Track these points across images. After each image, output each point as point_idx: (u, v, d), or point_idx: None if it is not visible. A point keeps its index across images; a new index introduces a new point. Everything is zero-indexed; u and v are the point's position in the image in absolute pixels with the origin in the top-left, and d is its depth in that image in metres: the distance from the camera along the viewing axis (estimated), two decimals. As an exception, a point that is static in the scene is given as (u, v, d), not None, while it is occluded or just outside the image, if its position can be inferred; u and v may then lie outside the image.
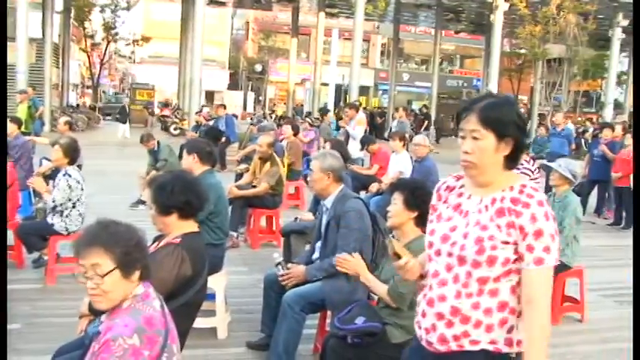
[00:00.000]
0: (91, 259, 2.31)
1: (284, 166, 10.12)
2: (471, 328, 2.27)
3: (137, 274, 2.39)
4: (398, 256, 2.59)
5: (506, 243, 2.22)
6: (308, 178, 5.11)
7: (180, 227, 3.33)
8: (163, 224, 3.35)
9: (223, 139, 14.97)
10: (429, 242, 2.43)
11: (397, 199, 3.84)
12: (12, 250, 6.67)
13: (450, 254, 2.31)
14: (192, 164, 5.50)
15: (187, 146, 5.80)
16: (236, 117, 23.86)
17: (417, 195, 3.82)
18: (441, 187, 2.53)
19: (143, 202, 9.29)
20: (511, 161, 2.30)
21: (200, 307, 3.42)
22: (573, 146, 14.28)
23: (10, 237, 6.47)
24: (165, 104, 34.06)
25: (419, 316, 2.42)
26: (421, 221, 3.84)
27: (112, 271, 2.31)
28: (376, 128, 31.21)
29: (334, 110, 26.34)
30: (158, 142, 11.14)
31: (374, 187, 9.19)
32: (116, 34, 38.77)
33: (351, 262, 3.89)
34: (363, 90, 40.33)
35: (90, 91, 45.58)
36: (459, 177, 2.49)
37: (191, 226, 3.39)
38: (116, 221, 2.46)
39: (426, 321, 2.36)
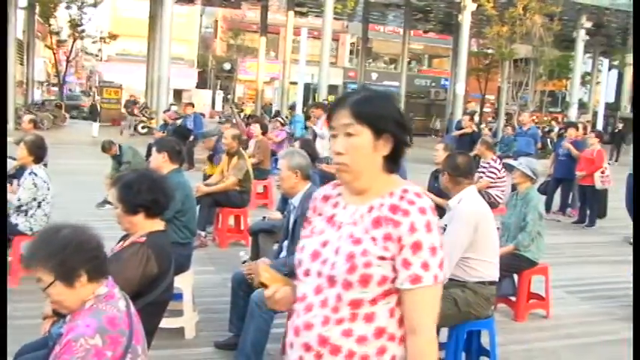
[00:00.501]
0: (35, 274, 2.31)
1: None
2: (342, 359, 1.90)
3: (83, 278, 2.32)
4: (265, 285, 2.13)
5: (383, 259, 1.87)
6: (276, 177, 5.11)
7: (146, 226, 3.29)
8: (130, 223, 3.31)
9: (191, 137, 14.90)
10: (298, 260, 2.06)
11: None
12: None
13: (319, 274, 1.95)
14: (161, 163, 5.48)
15: (157, 145, 5.76)
16: (204, 116, 23.74)
17: None
18: (318, 196, 2.21)
19: (109, 202, 9.19)
20: (391, 163, 1.98)
21: (167, 306, 3.39)
22: (539, 145, 14.48)
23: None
24: (134, 103, 33.73)
25: (287, 347, 2.04)
26: None
27: (52, 283, 2.28)
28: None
29: (303, 109, 26.32)
30: (120, 147, 11.04)
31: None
32: (82, 31, 38.14)
33: None
34: (332, 89, 40.38)
35: (56, 88, 44.92)
36: (336, 185, 2.18)
37: (157, 224, 3.36)
38: (58, 227, 2.39)
39: (294, 353, 1.98)
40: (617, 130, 27.77)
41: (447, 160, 4.71)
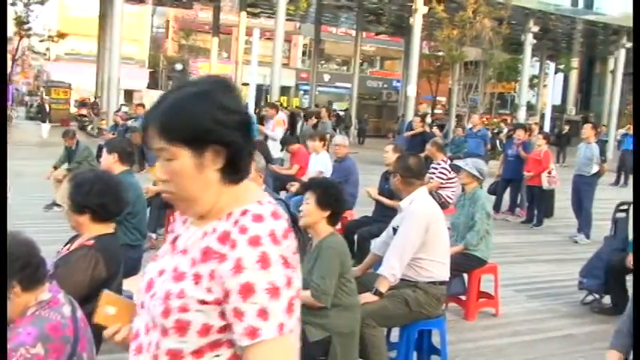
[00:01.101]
0: None
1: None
2: None
3: (16, 289, 2.25)
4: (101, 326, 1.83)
5: (204, 303, 1.43)
6: None
7: (93, 229, 3.23)
8: (76, 222, 3.24)
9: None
10: (138, 288, 1.65)
11: (309, 199, 3.86)
12: None
13: (148, 309, 1.54)
14: (111, 164, 5.42)
15: (108, 146, 5.71)
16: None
17: (329, 194, 3.85)
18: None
19: (58, 205, 9.04)
20: (231, 173, 1.51)
21: None
22: (489, 146, 14.74)
23: None
24: (83, 103, 33.17)
25: None
26: (333, 220, 3.90)
27: None
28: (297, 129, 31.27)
29: (255, 110, 26.24)
30: (77, 142, 10.96)
31: (293, 186, 9.22)
32: (29, 29, 37.32)
33: None
34: (285, 90, 40.42)
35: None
36: None
37: (106, 227, 3.30)
38: None
39: None
40: (563, 133, 28.28)
41: (398, 161, 4.75)
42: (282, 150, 11.90)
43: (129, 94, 42.94)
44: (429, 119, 16.97)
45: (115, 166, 5.35)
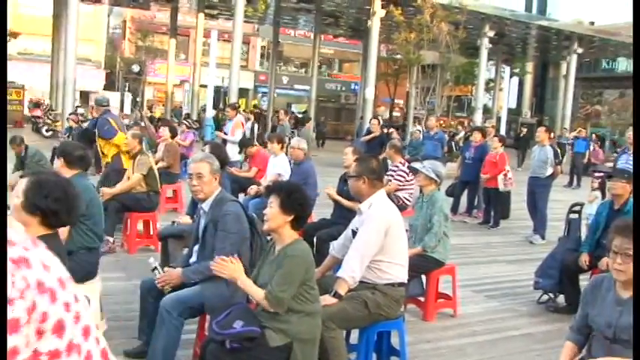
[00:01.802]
0: None
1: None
2: None
3: None
4: None
5: None
6: (192, 185, 4.72)
7: (37, 231, 3.16)
8: (22, 221, 3.16)
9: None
10: None
11: (273, 202, 3.81)
12: None
13: None
14: (59, 168, 5.34)
15: (57, 150, 5.63)
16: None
17: (293, 198, 3.81)
18: None
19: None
20: None
21: None
22: (446, 149, 14.89)
23: None
24: (37, 104, 32.48)
25: None
26: (297, 224, 3.86)
27: None
28: (260, 130, 31.15)
29: (214, 114, 26.09)
30: (26, 147, 10.71)
31: (252, 189, 9.17)
32: (-20, 28, 36.50)
33: (229, 266, 3.80)
34: (243, 92, 40.25)
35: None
36: None
37: (48, 229, 3.22)
38: None
39: None
40: (521, 136, 28.54)
41: (361, 163, 4.71)
42: (240, 152, 11.84)
43: (85, 96, 42.22)
44: (380, 121, 16.98)
45: (63, 171, 5.24)
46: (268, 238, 4.42)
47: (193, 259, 4.68)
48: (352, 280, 4.26)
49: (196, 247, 4.67)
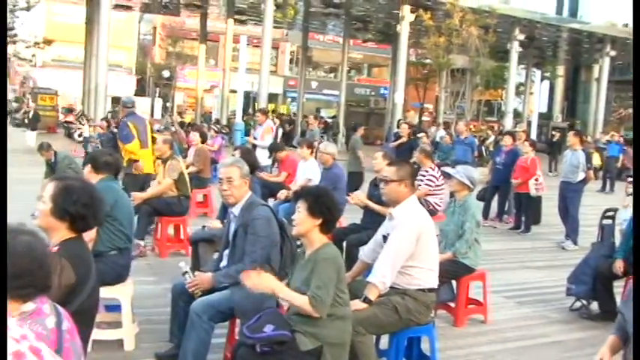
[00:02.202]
0: None
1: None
2: None
3: (25, 299, 2.19)
4: None
5: None
6: (222, 189, 4.75)
7: (63, 235, 3.20)
8: (50, 226, 3.19)
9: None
10: None
11: (301, 207, 3.82)
12: None
13: None
14: (87, 174, 5.50)
15: (86, 157, 5.79)
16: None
17: (321, 202, 3.81)
18: None
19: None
20: None
21: (95, 313, 3.28)
22: (476, 154, 14.75)
23: None
24: (70, 110, 33.01)
25: None
26: (326, 228, 3.86)
27: None
28: (284, 136, 31.26)
29: (243, 117, 26.24)
30: (55, 153, 10.90)
31: (282, 194, 9.19)
32: (15, 35, 37.15)
33: (263, 280, 3.75)
34: (272, 97, 40.38)
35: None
36: None
37: (67, 232, 3.26)
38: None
39: None
40: (554, 140, 27.54)
41: (402, 167, 4.66)
42: (269, 157, 11.88)
43: (116, 101, 42.74)
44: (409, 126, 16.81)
45: (90, 176, 5.37)
46: (298, 243, 4.43)
47: (224, 263, 4.70)
48: (383, 285, 4.25)
49: (227, 252, 4.69)
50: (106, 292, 4.39)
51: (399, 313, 4.26)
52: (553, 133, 29.03)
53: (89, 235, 4.77)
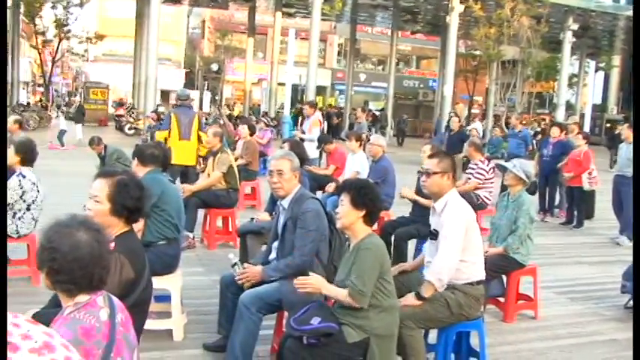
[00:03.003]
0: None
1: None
2: None
3: (68, 293, 2.29)
4: None
5: None
6: (273, 182, 4.76)
7: (119, 229, 3.26)
8: (108, 222, 3.24)
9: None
10: None
11: (344, 200, 3.86)
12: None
13: None
14: (135, 167, 5.60)
15: (134, 151, 5.87)
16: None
17: (363, 193, 3.84)
18: None
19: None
20: None
21: (149, 305, 3.36)
22: (530, 147, 14.42)
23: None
24: (120, 104, 33.63)
25: None
26: (370, 220, 3.88)
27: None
28: (333, 129, 31.30)
29: (291, 110, 26.34)
30: (105, 147, 11.17)
31: (331, 187, 9.21)
32: (69, 31, 37.97)
33: (311, 281, 3.84)
34: (320, 90, 40.45)
35: (42, 89, 44.65)
36: None
37: (125, 226, 3.33)
38: (52, 231, 2.31)
39: None
40: (616, 133, 26.23)
41: (444, 159, 4.59)
42: (318, 147, 11.91)
43: (165, 95, 43.42)
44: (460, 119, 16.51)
45: (137, 169, 5.47)
46: (346, 236, 4.44)
47: (272, 255, 4.74)
48: (439, 283, 4.22)
49: (275, 244, 4.73)
50: (156, 283, 4.46)
51: (450, 309, 4.23)
52: (608, 125, 28.17)
53: (137, 226, 4.87)
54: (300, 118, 14.10)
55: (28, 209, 6.17)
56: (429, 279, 4.24)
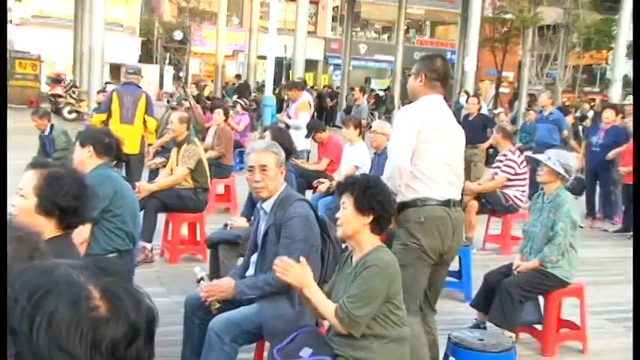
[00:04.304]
0: None
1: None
2: None
3: None
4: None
5: None
6: (254, 180, 4.73)
7: (49, 233, 3.25)
8: (35, 224, 3.22)
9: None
10: None
11: (346, 202, 3.85)
12: None
13: None
14: (85, 159, 5.44)
15: (82, 136, 5.73)
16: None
17: (370, 194, 3.82)
18: None
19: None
20: None
21: None
22: (565, 133, 14.17)
23: None
24: (57, 80, 33.45)
25: None
26: (379, 227, 3.87)
27: None
28: (326, 113, 31.32)
29: (274, 90, 26.30)
30: (52, 126, 11.15)
31: (324, 185, 9.22)
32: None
33: (295, 270, 3.74)
34: (311, 65, 40.46)
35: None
36: None
37: (53, 229, 3.31)
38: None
39: None
40: None
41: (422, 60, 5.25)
42: (307, 136, 11.91)
43: (116, 70, 43.24)
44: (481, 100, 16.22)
45: (90, 162, 5.39)
46: (344, 246, 4.43)
47: (250, 271, 4.73)
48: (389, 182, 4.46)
49: (254, 257, 4.72)
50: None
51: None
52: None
53: (82, 235, 4.84)
54: (286, 99, 14.00)
55: None
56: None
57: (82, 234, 4.76)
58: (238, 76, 36.99)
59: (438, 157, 4.67)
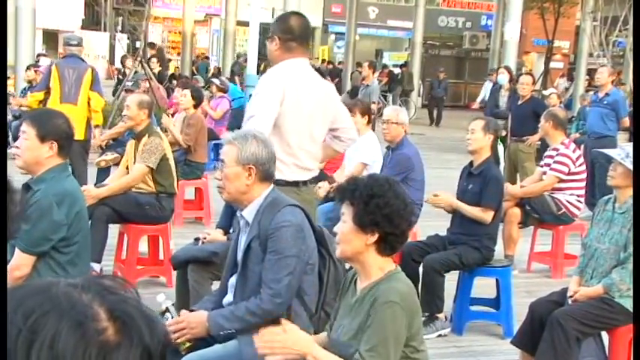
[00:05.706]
0: None
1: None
2: None
3: None
4: None
5: None
6: (217, 175, 4.80)
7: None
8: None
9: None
10: None
11: (346, 214, 3.77)
12: None
13: None
14: (43, 158, 4.99)
15: (38, 125, 5.08)
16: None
17: (375, 205, 3.69)
18: None
19: None
20: None
21: None
22: (626, 121, 13.78)
23: None
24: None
25: None
26: (387, 247, 3.78)
27: None
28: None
29: (258, 66, 26.32)
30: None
31: (322, 189, 9.26)
32: None
33: (281, 339, 3.63)
34: (306, 32, 40.35)
35: None
36: None
37: None
38: None
39: None
40: None
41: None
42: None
43: (53, 39, 43.22)
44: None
45: (47, 162, 4.99)
46: (347, 266, 4.45)
47: (229, 297, 4.74)
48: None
49: (233, 279, 4.73)
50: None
51: None
52: None
53: (21, 270, 4.74)
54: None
55: None
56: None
57: (20, 268, 4.67)
58: (152, 44, 36.65)
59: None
